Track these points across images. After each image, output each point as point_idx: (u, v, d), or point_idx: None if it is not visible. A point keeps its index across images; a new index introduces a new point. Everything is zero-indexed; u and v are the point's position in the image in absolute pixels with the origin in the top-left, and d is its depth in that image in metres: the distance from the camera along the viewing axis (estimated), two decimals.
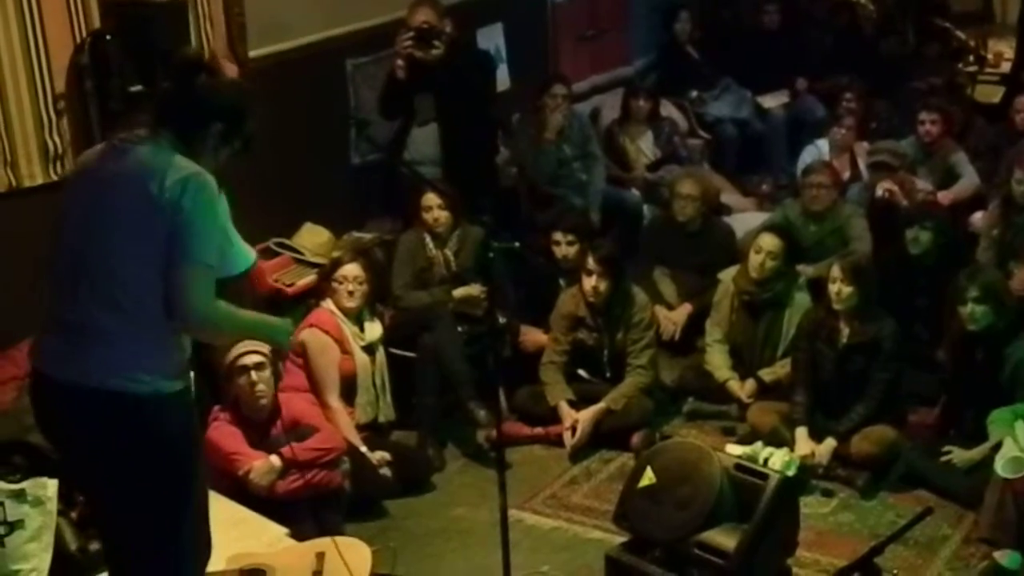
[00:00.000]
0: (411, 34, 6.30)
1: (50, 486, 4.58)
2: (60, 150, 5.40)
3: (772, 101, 9.24)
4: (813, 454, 5.50)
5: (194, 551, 3.67)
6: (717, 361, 6.15)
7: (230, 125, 3.54)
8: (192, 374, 3.65)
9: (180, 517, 3.57)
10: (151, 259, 3.38)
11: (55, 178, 5.40)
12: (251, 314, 3.73)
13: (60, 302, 3.53)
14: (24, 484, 4.55)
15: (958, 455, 5.38)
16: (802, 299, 6.05)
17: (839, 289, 5.58)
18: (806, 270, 6.38)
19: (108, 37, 5.38)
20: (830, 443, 5.52)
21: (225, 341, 3.80)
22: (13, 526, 4.49)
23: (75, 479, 3.82)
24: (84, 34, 5.44)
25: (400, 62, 6.38)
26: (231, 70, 6.19)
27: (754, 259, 6.06)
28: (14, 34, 5.19)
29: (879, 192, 7.14)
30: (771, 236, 6.11)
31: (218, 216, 3.44)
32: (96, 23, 5.46)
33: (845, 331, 5.63)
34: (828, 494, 5.45)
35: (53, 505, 4.57)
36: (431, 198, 6.20)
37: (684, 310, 6.72)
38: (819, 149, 7.88)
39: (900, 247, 6.42)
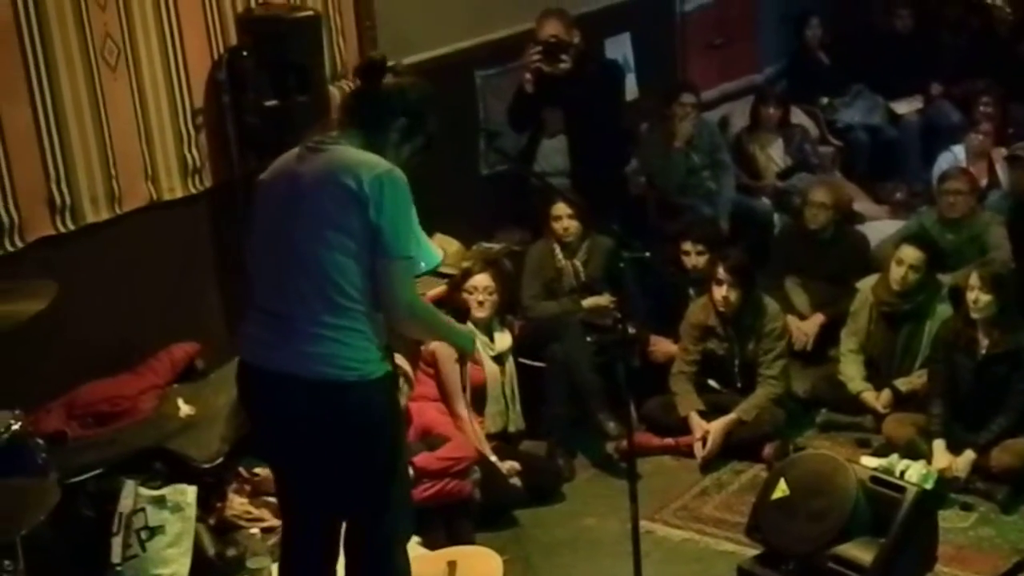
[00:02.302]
0: (539, 49, 6.31)
1: (189, 492, 4.69)
2: (198, 164, 5.53)
3: (905, 107, 9.08)
4: (951, 467, 5.38)
5: (407, 521, 3.93)
6: (851, 371, 6.05)
7: (413, 121, 3.73)
8: None
9: (392, 492, 3.78)
10: (354, 252, 3.56)
11: (193, 191, 5.53)
12: (443, 315, 3.93)
13: (267, 295, 3.69)
14: (164, 491, 4.68)
15: None
16: (943, 311, 5.92)
17: (977, 297, 5.46)
18: (944, 279, 6.25)
19: (244, 53, 5.49)
20: (969, 456, 5.39)
21: (422, 336, 3.94)
22: (154, 531, 4.61)
23: (283, 465, 3.91)
24: (221, 50, 5.57)
25: (528, 76, 6.39)
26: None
27: (895, 271, 5.95)
28: (155, 51, 5.33)
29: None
30: (913, 248, 5.99)
31: (412, 209, 3.63)
32: (233, 39, 5.58)
33: (984, 341, 5.50)
34: (967, 508, 5.32)
35: (192, 511, 4.68)
36: (561, 208, 6.21)
37: (816, 320, 6.63)
38: (955, 155, 7.72)
39: None
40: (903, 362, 5.99)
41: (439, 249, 3.86)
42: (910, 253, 5.96)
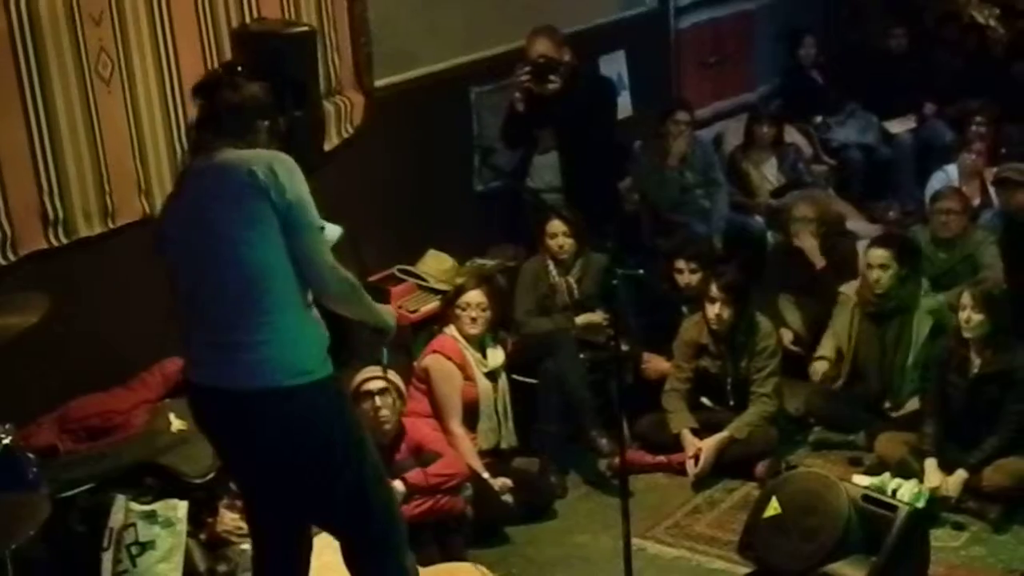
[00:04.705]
0: (528, 68, 6.31)
1: (180, 508, 4.68)
2: None
3: (899, 126, 9.09)
4: (943, 486, 5.37)
5: (395, 525, 3.94)
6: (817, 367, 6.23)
7: (272, 121, 3.83)
8: None
9: (368, 496, 3.81)
10: (276, 242, 3.62)
11: None
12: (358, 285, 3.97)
13: (203, 315, 3.72)
14: (155, 505, 4.67)
15: None
16: (929, 303, 6.00)
17: (969, 317, 5.47)
18: (937, 297, 6.26)
19: (239, 68, 5.48)
20: (961, 475, 5.39)
21: (351, 310, 3.92)
22: (145, 547, 4.60)
23: (250, 482, 3.97)
24: (216, 65, 5.56)
25: (518, 94, 6.39)
26: (357, 99, 6.30)
27: (870, 276, 6.02)
28: (149, 66, 5.33)
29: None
30: (877, 248, 6.06)
31: (306, 185, 3.69)
32: (228, 54, 5.57)
33: (976, 361, 5.50)
34: (959, 527, 5.32)
35: (183, 526, 4.67)
36: (556, 225, 6.21)
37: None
38: (948, 175, 7.74)
39: None
40: (895, 360, 6.00)
41: (337, 227, 3.91)
42: (876, 254, 6.02)
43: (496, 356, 5.87)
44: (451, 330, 5.83)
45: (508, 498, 5.47)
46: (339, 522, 3.86)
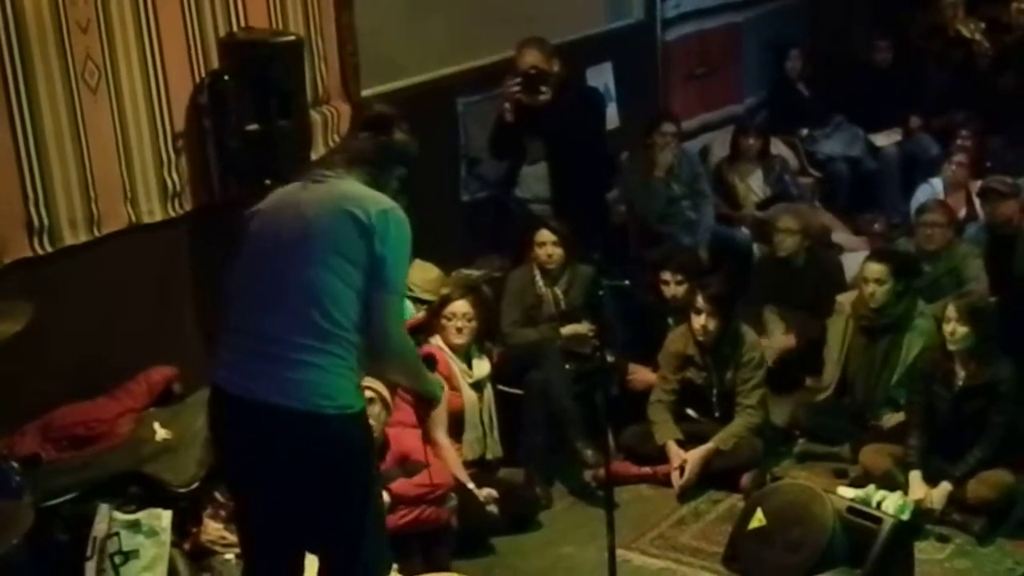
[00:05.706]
0: (518, 80, 6.32)
1: (164, 517, 4.67)
2: (178, 188, 5.52)
3: (885, 139, 9.13)
4: (927, 498, 5.38)
5: (384, 555, 3.92)
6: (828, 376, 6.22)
7: (408, 172, 3.87)
8: None
9: (366, 525, 3.76)
10: (353, 280, 3.61)
11: (173, 215, 5.52)
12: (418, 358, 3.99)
13: (252, 318, 3.70)
14: (139, 515, 4.65)
15: None
16: (922, 324, 5.98)
17: (954, 329, 5.48)
18: (922, 308, 6.27)
19: (226, 77, 5.49)
20: (945, 487, 5.40)
21: (401, 376, 4.05)
22: (128, 556, 4.58)
23: (252, 497, 3.88)
24: (203, 74, 5.56)
25: (508, 105, 6.40)
26: (343, 108, 6.30)
27: (865, 290, 6.04)
28: (136, 74, 5.32)
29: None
30: (873, 263, 6.08)
31: (409, 251, 3.71)
32: (215, 63, 5.57)
33: (961, 373, 5.52)
34: (944, 539, 5.32)
35: (167, 536, 4.65)
36: (545, 235, 6.22)
37: (784, 341, 6.65)
38: (933, 187, 7.76)
39: (1018, 287, 6.28)
40: (882, 374, 6.02)
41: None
42: (871, 268, 6.04)
43: (482, 367, 5.87)
44: (437, 340, 5.82)
45: (493, 508, 5.46)
46: (333, 548, 3.80)
